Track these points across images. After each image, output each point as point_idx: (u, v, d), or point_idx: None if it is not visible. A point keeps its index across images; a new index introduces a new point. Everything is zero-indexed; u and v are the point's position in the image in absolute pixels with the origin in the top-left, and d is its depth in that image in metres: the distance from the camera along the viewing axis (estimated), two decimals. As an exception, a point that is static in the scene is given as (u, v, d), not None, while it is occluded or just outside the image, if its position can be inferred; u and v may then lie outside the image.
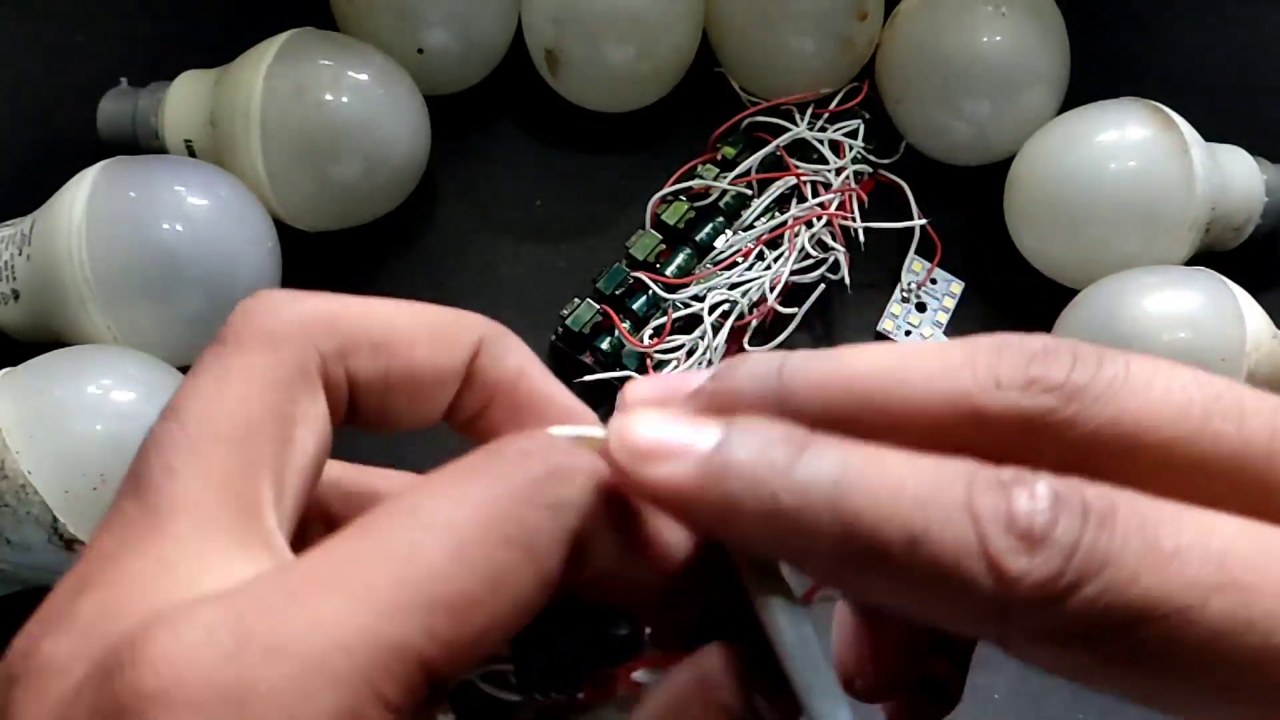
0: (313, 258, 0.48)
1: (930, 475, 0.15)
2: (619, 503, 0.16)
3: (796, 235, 0.47)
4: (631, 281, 0.47)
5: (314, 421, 0.16)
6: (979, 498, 0.15)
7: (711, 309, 0.45)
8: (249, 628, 0.13)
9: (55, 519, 0.36)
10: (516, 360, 0.19)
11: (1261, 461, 0.15)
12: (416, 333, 0.18)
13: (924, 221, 0.49)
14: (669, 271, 0.47)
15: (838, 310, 0.48)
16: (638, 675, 0.18)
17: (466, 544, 0.14)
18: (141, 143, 0.47)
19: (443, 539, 0.14)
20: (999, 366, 0.16)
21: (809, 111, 0.50)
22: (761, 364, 0.17)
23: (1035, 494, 0.14)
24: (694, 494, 0.15)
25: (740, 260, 0.47)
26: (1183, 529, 0.14)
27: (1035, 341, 0.16)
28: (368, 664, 0.13)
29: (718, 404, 0.17)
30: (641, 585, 0.17)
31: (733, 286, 0.46)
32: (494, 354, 0.19)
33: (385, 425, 0.18)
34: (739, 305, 0.46)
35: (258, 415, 0.16)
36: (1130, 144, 0.45)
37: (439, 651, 0.14)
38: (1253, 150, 0.47)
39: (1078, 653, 0.14)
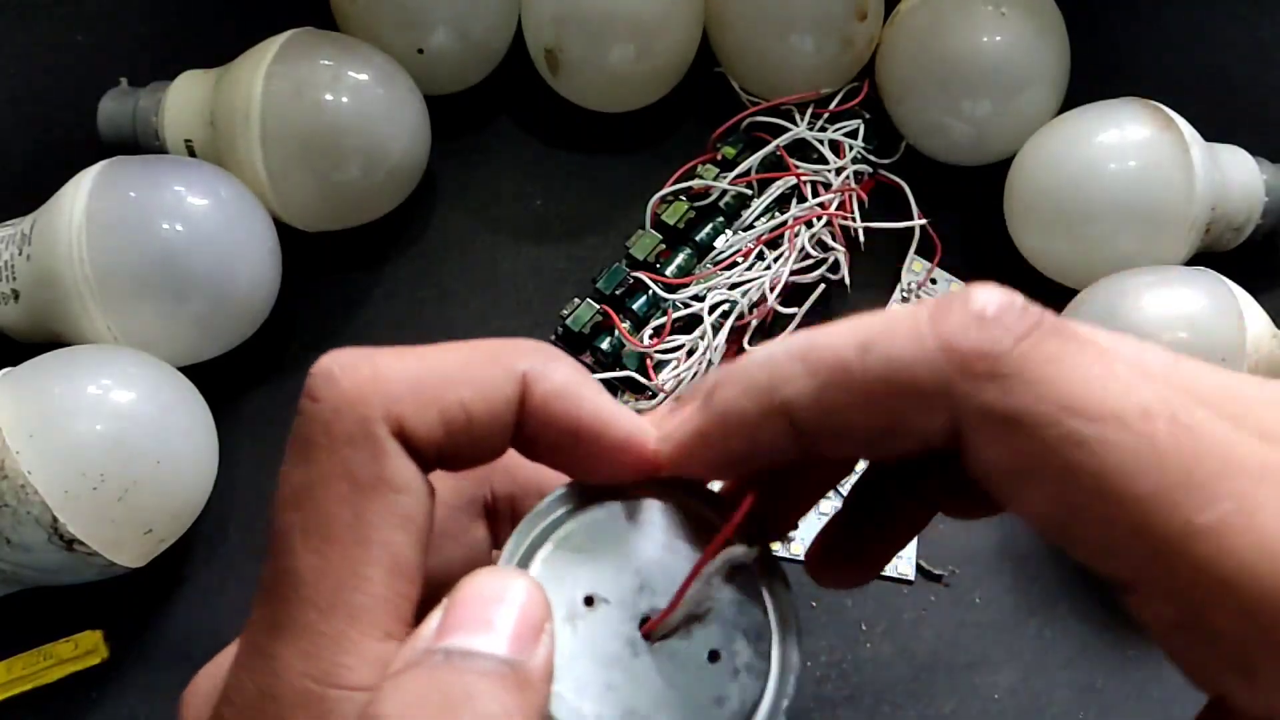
0: (313, 258, 0.48)
1: (885, 313, 0.17)
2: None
3: (796, 235, 0.47)
4: (631, 281, 0.47)
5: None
6: (931, 304, 0.16)
7: (711, 309, 0.45)
8: None
9: (55, 519, 0.36)
10: (562, 383, 0.19)
11: None
12: (461, 375, 0.18)
13: (924, 221, 0.49)
14: (669, 271, 0.47)
15: (838, 310, 0.48)
16: None
17: None
18: (141, 143, 0.47)
19: None
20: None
21: (809, 111, 0.50)
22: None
23: (992, 293, 0.16)
24: (704, 424, 0.18)
25: (740, 260, 0.47)
26: (1132, 362, 0.16)
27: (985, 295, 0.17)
28: None
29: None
30: None
31: (733, 286, 0.46)
32: (541, 381, 0.19)
33: (451, 467, 0.19)
34: (739, 305, 0.46)
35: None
36: (1130, 144, 0.45)
37: None
38: (1253, 150, 0.47)
39: (1019, 442, 0.15)
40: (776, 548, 0.24)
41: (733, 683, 0.19)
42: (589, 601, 0.19)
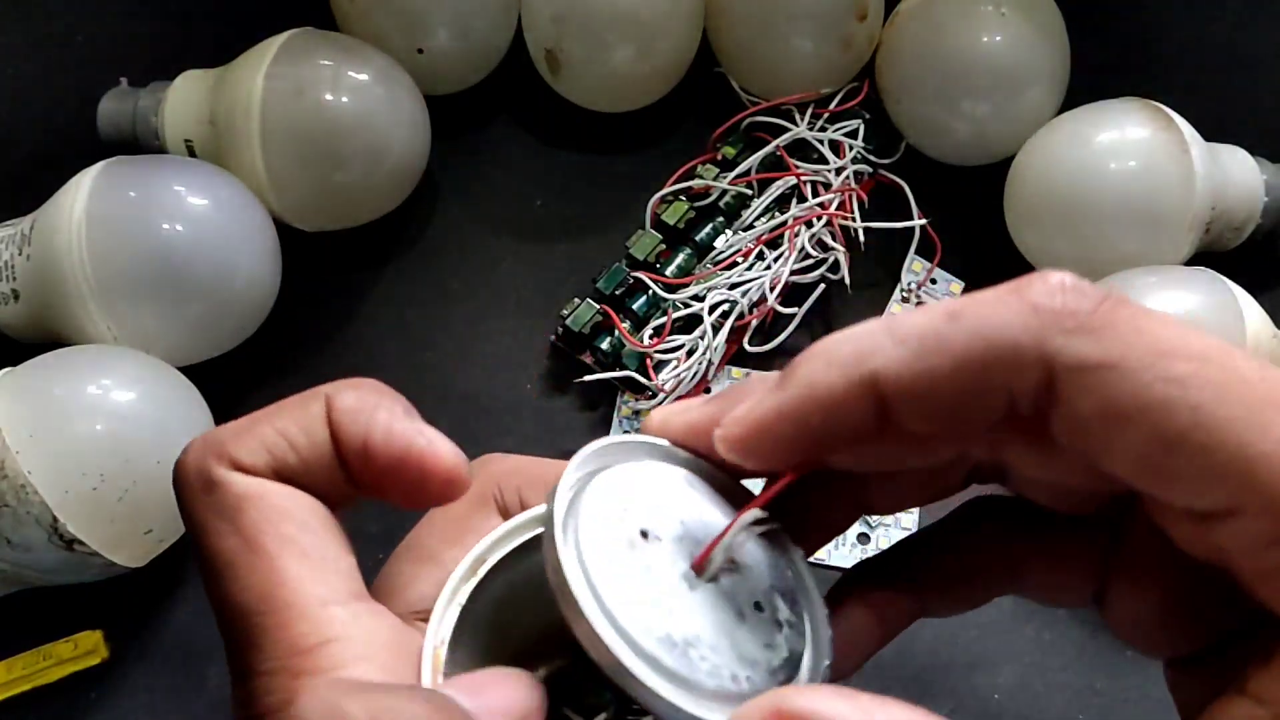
0: (313, 258, 0.48)
1: (963, 296, 0.18)
2: None
3: (796, 235, 0.47)
4: (631, 281, 0.47)
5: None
6: (1010, 283, 0.18)
7: (711, 309, 0.45)
8: None
9: (55, 519, 0.36)
10: (353, 403, 0.20)
11: None
12: (277, 410, 0.21)
13: (924, 221, 0.49)
14: (669, 271, 0.47)
15: (838, 310, 0.48)
16: None
17: None
18: (141, 143, 0.47)
19: None
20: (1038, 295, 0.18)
21: (809, 111, 0.50)
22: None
23: (1065, 274, 0.17)
24: (786, 401, 0.18)
25: (740, 260, 0.47)
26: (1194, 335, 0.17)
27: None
28: None
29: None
30: None
31: (733, 286, 0.46)
32: (336, 401, 0.20)
33: (311, 492, 0.21)
34: (739, 305, 0.46)
35: None
36: (1130, 144, 0.45)
37: None
38: (1253, 150, 0.47)
39: (1117, 388, 0.17)
40: None
41: (779, 633, 0.19)
42: (644, 535, 0.19)
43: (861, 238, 0.47)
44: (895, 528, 0.44)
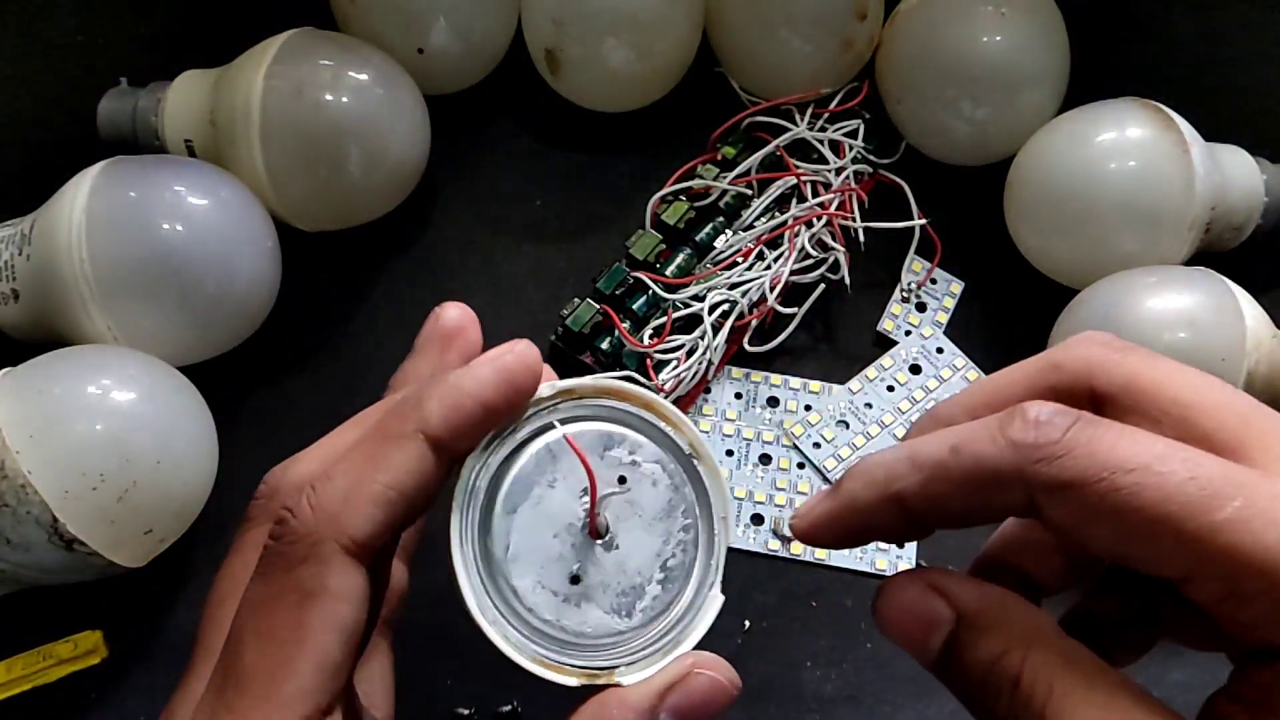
0: (313, 258, 0.48)
1: (965, 425, 0.23)
2: None
3: (796, 235, 0.47)
4: (631, 281, 0.47)
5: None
6: (998, 417, 0.22)
7: (711, 309, 0.45)
8: None
9: (55, 519, 0.36)
10: (440, 401, 0.25)
11: None
12: (368, 464, 0.24)
13: (924, 221, 0.49)
14: (669, 271, 0.47)
15: (838, 310, 0.48)
16: None
17: None
18: (141, 143, 0.47)
19: None
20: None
21: (809, 111, 0.50)
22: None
23: (1042, 407, 0.22)
24: (832, 508, 0.24)
25: (740, 260, 0.47)
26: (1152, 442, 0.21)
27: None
28: None
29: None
30: None
31: (733, 286, 0.46)
32: (430, 427, 0.24)
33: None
34: (739, 305, 0.46)
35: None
36: (1130, 144, 0.45)
37: None
38: (1253, 150, 0.47)
39: (1081, 498, 0.21)
40: (776, 546, 0.34)
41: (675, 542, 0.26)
42: (551, 484, 0.26)
43: (861, 238, 0.48)
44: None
